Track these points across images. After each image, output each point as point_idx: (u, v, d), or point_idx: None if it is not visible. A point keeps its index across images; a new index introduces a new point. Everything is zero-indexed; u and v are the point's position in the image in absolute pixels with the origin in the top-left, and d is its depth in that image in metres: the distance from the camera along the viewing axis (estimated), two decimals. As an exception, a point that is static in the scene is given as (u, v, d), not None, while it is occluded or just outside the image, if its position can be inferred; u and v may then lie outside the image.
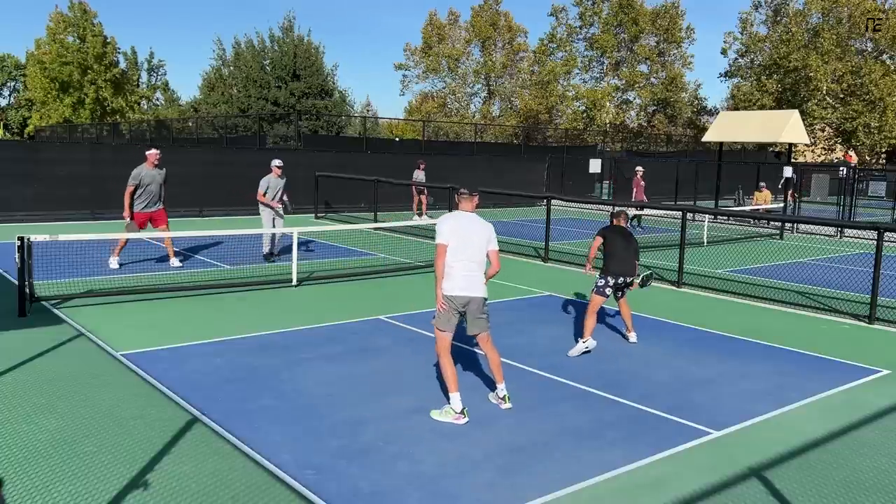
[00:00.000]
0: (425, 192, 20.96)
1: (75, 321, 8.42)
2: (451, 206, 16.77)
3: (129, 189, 11.45)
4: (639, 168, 21.62)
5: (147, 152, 11.67)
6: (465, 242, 5.75)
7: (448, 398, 5.82)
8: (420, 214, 20.76)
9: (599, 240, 8.45)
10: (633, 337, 8.63)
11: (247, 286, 10.72)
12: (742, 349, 8.23)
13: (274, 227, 12.78)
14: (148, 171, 11.53)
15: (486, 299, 5.89)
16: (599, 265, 8.46)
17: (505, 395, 6.13)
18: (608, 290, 8.29)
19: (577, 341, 8.06)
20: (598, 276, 8.43)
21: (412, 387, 6.59)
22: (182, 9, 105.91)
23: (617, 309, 10.06)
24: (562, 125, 52.46)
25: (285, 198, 13.03)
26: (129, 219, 11.50)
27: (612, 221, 8.78)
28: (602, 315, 9.73)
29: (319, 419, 5.74)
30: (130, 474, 4.71)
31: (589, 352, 7.91)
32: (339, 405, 6.07)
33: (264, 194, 12.77)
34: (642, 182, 21.28)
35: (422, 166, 20.91)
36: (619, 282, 8.35)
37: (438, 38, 57.53)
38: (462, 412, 5.73)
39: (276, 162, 12.97)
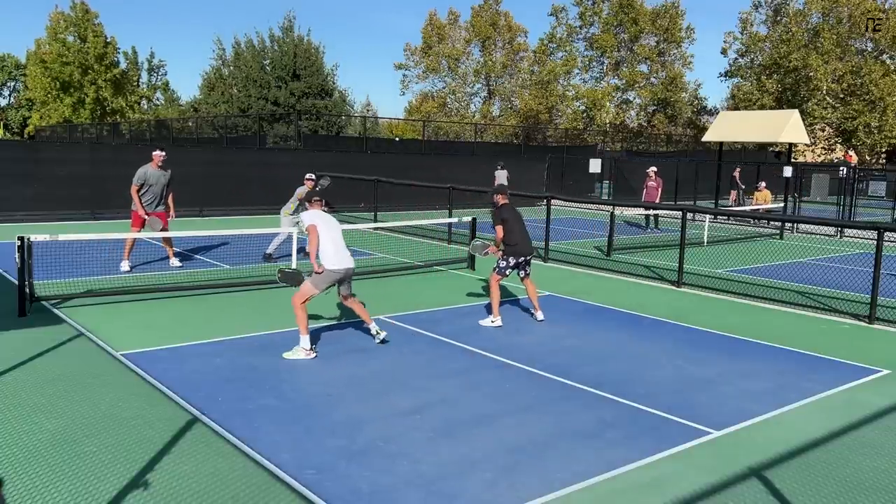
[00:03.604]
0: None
1: (75, 321, 8.42)
2: (450, 206, 16.79)
3: (135, 188, 11.47)
4: (652, 168, 20.75)
5: (153, 153, 11.69)
6: (329, 226, 7.45)
7: (300, 339, 7.22)
8: None
9: (501, 227, 8.94)
10: (540, 315, 9.14)
11: (247, 286, 10.72)
12: (742, 349, 8.23)
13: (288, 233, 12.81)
14: (153, 172, 11.56)
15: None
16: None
17: (377, 330, 7.75)
18: (508, 271, 8.96)
19: (492, 319, 8.82)
20: (501, 257, 9.01)
21: (412, 387, 6.59)
22: (182, 9, 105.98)
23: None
24: (562, 125, 52.45)
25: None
26: (145, 215, 11.48)
27: (500, 202, 9.22)
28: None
29: (319, 419, 5.74)
30: (130, 474, 4.71)
31: (500, 327, 8.71)
32: (339, 405, 6.07)
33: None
34: (652, 182, 20.43)
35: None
36: (521, 261, 8.99)
37: (438, 38, 57.50)
38: (311, 349, 7.23)
39: (310, 175, 13.22)
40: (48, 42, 51.26)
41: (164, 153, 11.71)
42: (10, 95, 73.34)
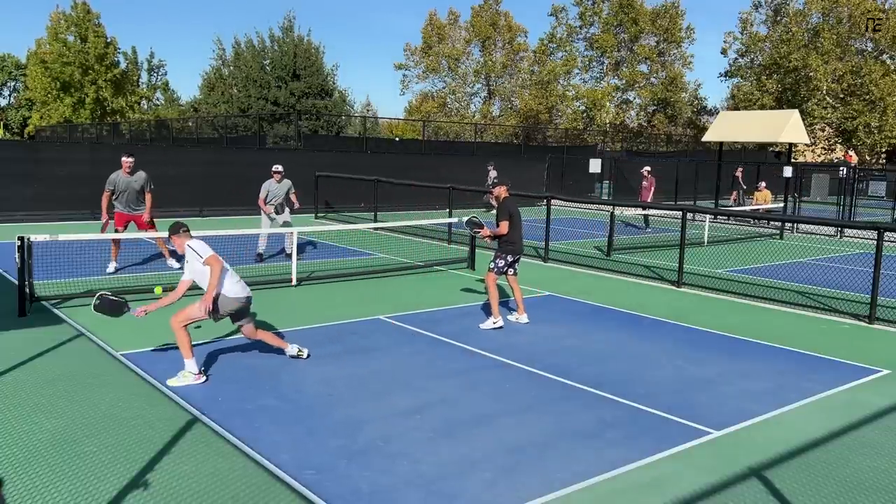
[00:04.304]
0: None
1: (75, 321, 8.42)
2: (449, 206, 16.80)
3: (105, 194, 11.56)
4: (645, 167, 20.75)
5: (122, 158, 11.68)
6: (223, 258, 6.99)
7: (184, 363, 6.52)
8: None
9: (507, 222, 8.81)
10: (524, 318, 9.05)
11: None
12: (742, 349, 8.23)
13: (273, 229, 12.81)
14: (122, 178, 11.57)
15: None
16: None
17: (298, 350, 7.22)
18: (506, 268, 8.91)
19: (493, 320, 8.69)
20: (498, 255, 8.90)
21: (412, 387, 6.58)
22: (182, 9, 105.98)
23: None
24: (562, 125, 52.45)
25: (293, 198, 13.09)
26: (103, 219, 11.61)
27: (503, 195, 8.98)
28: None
29: (319, 419, 5.74)
30: (130, 474, 4.71)
31: (502, 328, 8.64)
32: (339, 405, 6.07)
33: (265, 199, 12.83)
34: (645, 182, 20.51)
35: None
36: (515, 259, 8.96)
37: (438, 38, 57.50)
38: (200, 372, 6.56)
39: (276, 167, 13.02)
40: (49, 42, 51.24)
41: (130, 159, 11.61)
42: (10, 95, 73.40)
